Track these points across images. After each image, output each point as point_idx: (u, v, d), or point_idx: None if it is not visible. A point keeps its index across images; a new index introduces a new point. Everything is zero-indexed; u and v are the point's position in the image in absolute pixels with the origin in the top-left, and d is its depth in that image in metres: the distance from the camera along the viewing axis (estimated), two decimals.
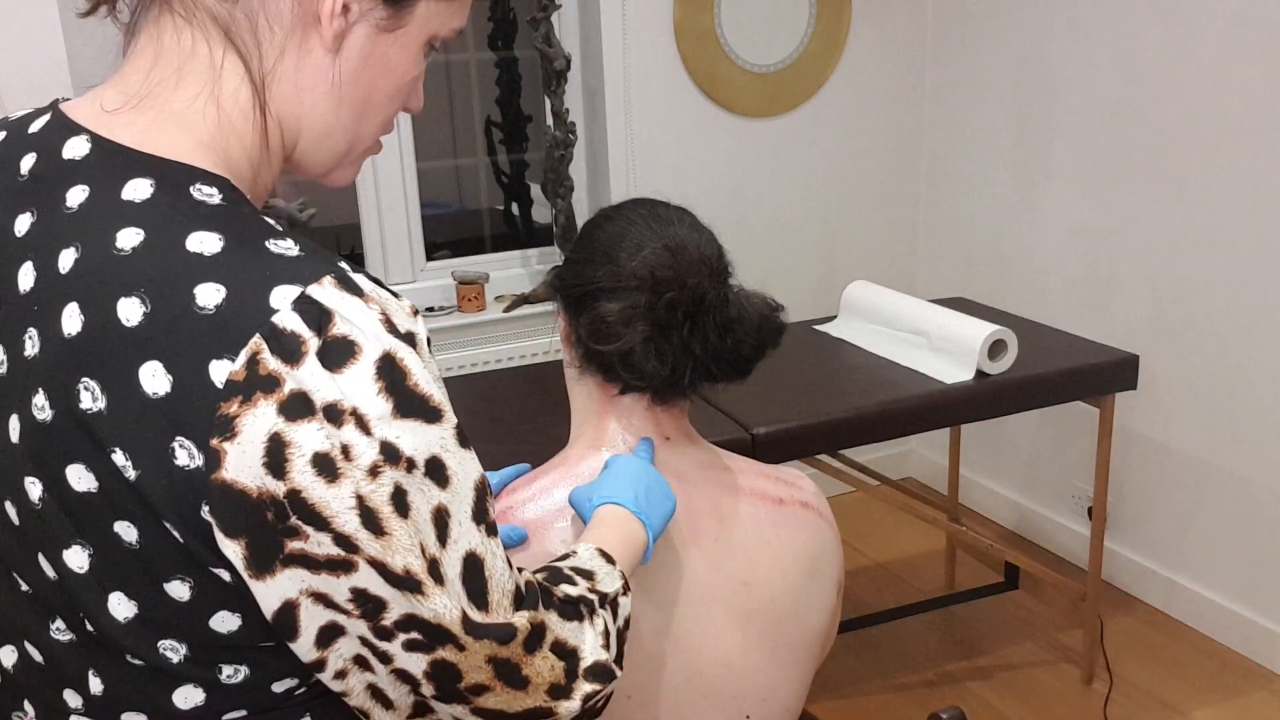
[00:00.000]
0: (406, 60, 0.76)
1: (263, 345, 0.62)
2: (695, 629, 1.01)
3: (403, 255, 2.90)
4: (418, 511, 0.66)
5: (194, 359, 0.62)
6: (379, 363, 0.64)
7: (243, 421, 0.62)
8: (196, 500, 0.63)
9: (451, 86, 3.06)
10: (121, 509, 0.65)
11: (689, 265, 1.00)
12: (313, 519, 0.63)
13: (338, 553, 0.64)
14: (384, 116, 0.78)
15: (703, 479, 1.05)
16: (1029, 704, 2.43)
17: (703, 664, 1.01)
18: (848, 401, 2.06)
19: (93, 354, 0.64)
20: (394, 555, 0.65)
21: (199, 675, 0.71)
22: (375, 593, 0.66)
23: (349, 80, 0.74)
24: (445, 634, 0.68)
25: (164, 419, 0.63)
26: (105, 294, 0.64)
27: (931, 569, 3.01)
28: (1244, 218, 2.41)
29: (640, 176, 2.93)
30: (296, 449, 0.62)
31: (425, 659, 0.69)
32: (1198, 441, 2.61)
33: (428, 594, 0.67)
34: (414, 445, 0.65)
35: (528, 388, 2.20)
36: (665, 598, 1.00)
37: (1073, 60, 2.76)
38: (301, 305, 0.63)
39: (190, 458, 0.63)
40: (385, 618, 0.67)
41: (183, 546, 0.65)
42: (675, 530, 1.01)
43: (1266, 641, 2.53)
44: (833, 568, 1.10)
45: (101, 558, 0.67)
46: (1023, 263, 3.03)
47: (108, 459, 0.64)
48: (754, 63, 2.99)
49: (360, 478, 0.63)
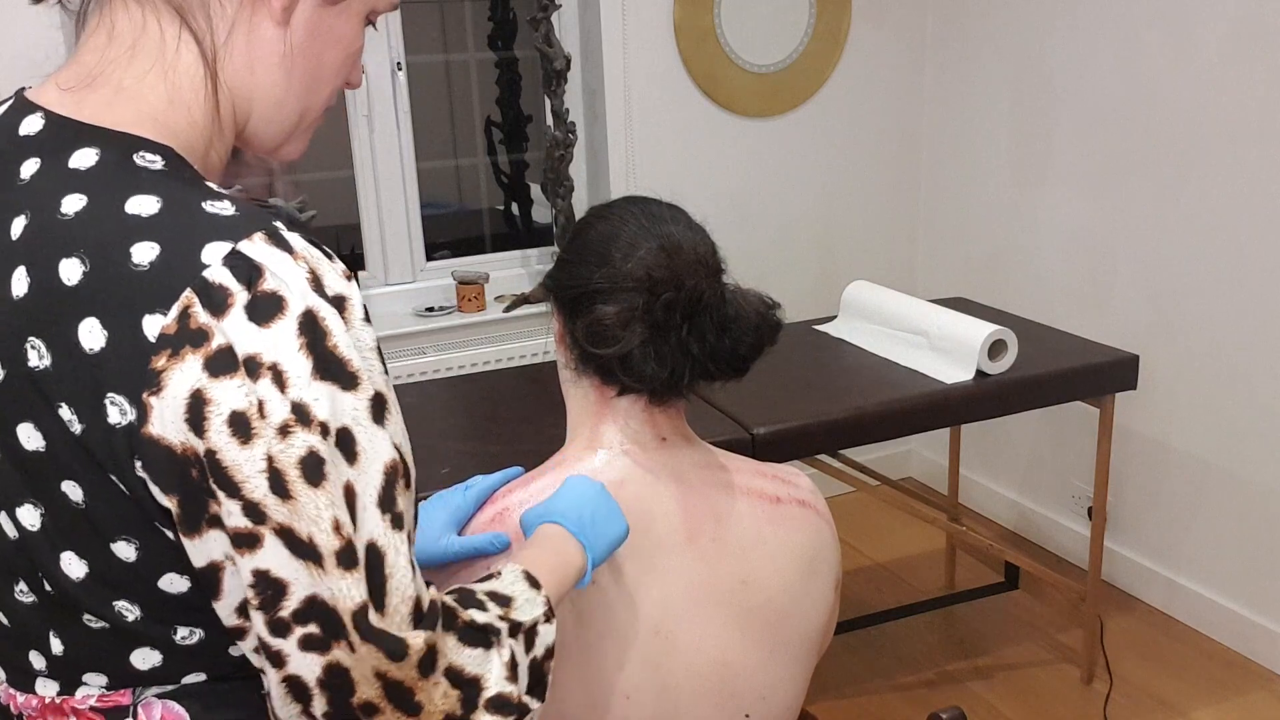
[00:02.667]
0: (351, 32, 0.79)
1: (194, 299, 0.63)
2: (693, 628, 1.01)
3: (403, 255, 2.90)
4: (330, 483, 0.65)
5: (128, 315, 0.64)
6: (301, 319, 0.64)
7: (169, 376, 0.63)
8: (131, 455, 0.65)
9: (451, 86, 3.06)
10: (68, 468, 0.68)
11: (685, 265, 0.99)
12: (225, 484, 0.64)
13: (245, 524, 0.64)
14: (332, 88, 0.81)
15: (699, 479, 1.05)
16: (1029, 704, 2.43)
17: (701, 663, 1.01)
18: (848, 401, 2.06)
19: (37, 313, 0.66)
20: (300, 522, 0.64)
21: (155, 636, 0.72)
22: (277, 574, 0.65)
23: (298, 52, 0.76)
24: (340, 625, 0.66)
25: (100, 374, 0.64)
26: (48, 256, 0.66)
27: (931, 569, 3.01)
28: (1244, 218, 2.41)
29: (640, 176, 2.93)
30: (215, 406, 0.63)
31: (320, 661, 0.66)
32: (1198, 441, 2.61)
33: (328, 570, 0.65)
34: (329, 411, 0.65)
35: (528, 388, 2.20)
36: (663, 597, 1.00)
37: (1073, 60, 2.76)
38: (232, 260, 0.64)
39: (122, 413, 0.65)
40: (284, 607, 0.66)
41: (130, 502, 0.67)
42: (673, 531, 1.02)
43: (1266, 641, 2.53)
44: (830, 565, 1.10)
45: (52, 517, 0.70)
46: (1023, 263, 3.03)
47: (55, 415, 0.66)
48: (754, 63, 2.99)
49: (271, 437, 0.63)
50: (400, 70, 2.77)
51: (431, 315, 2.81)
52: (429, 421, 2.03)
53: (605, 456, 1.03)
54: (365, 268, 2.89)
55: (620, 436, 1.04)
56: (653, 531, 1.01)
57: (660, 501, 1.02)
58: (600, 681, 0.99)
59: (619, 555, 0.99)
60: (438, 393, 2.19)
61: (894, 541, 3.16)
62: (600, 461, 1.03)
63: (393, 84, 2.78)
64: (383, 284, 2.90)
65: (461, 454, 1.86)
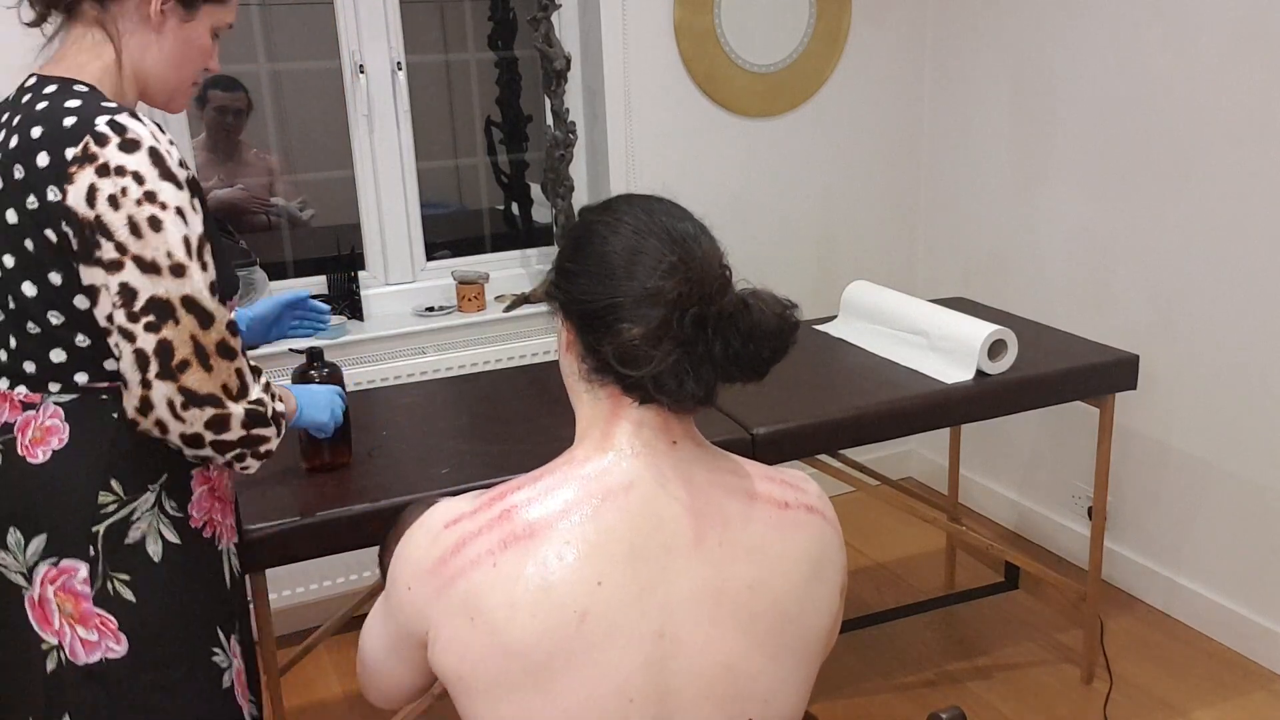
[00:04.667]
0: (201, 37, 1.38)
1: (90, 140, 1.23)
2: (698, 632, 1.01)
3: (403, 255, 2.90)
4: (167, 233, 1.24)
5: (59, 148, 1.24)
6: (150, 151, 1.24)
7: (77, 176, 1.23)
8: (58, 218, 1.24)
9: (451, 86, 3.06)
10: (28, 230, 1.26)
11: (705, 276, 0.99)
12: (104, 232, 1.22)
13: (114, 255, 1.22)
14: (194, 67, 1.40)
15: (708, 483, 1.05)
16: (1029, 704, 2.43)
17: (705, 667, 1.01)
18: (848, 401, 2.06)
19: (18, 154, 1.26)
20: (146, 251, 1.23)
21: (65, 339, 1.29)
22: (132, 285, 1.23)
23: (168, 48, 1.36)
24: (170, 310, 1.24)
25: (46, 176, 1.24)
26: (26, 127, 1.27)
27: (931, 569, 3.01)
28: (1244, 218, 2.41)
29: (640, 177, 2.93)
30: (100, 192, 1.22)
31: (155, 337, 1.24)
32: (1198, 441, 2.61)
33: (164, 278, 1.24)
34: (168, 196, 1.24)
35: (528, 388, 2.20)
36: (669, 601, 1.00)
37: (1073, 60, 2.77)
38: (111, 123, 1.24)
39: (56, 194, 1.24)
40: (135, 303, 1.23)
41: (57, 248, 1.25)
42: (680, 534, 1.01)
43: (1266, 641, 2.53)
44: (836, 571, 1.10)
45: (19, 259, 1.27)
46: (1023, 263, 3.03)
47: (24, 202, 1.26)
48: (754, 63, 2.99)
49: (132, 206, 1.22)
50: (400, 70, 2.77)
51: (431, 315, 2.82)
52: (429, 421, 2.03)
53: (614, 458, 1.03)
54: (365, 267, 2.88)
55: (632, 439, 1.04)
56: (660, 534, 1.01)
57: (668, 505, 1.02)
58: (603, 683, 0.99)
59: (626, 557, 0.99)
60: (438, 393, 2.19)
61: (894, 541, 3.17)
62: (609, 462, 1.03)
63: (393, 84, 2.78)
64: (383, 284, 2.90)
65: (461, 454, 1.86)
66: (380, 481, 1.76)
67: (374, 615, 1.17)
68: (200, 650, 1.38)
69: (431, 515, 1.05)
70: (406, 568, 1.04)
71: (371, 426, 1.98)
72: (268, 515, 1.65)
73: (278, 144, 2.94)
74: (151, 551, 1.34)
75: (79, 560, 1.30)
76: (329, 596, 2.74)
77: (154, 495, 1.34)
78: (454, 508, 1.04)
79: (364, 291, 2.83)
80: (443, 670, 1.02)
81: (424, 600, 1.02)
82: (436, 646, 1.02)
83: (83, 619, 1.31)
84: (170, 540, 1.36)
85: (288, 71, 2.85)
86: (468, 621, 0.99)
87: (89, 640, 1.31)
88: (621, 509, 1.00)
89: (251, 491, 1.73)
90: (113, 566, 1.31)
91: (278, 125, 2.90)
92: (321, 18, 2.73)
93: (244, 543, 1.61)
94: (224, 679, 1.41)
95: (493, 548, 0.99)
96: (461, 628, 0.99)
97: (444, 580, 1.00)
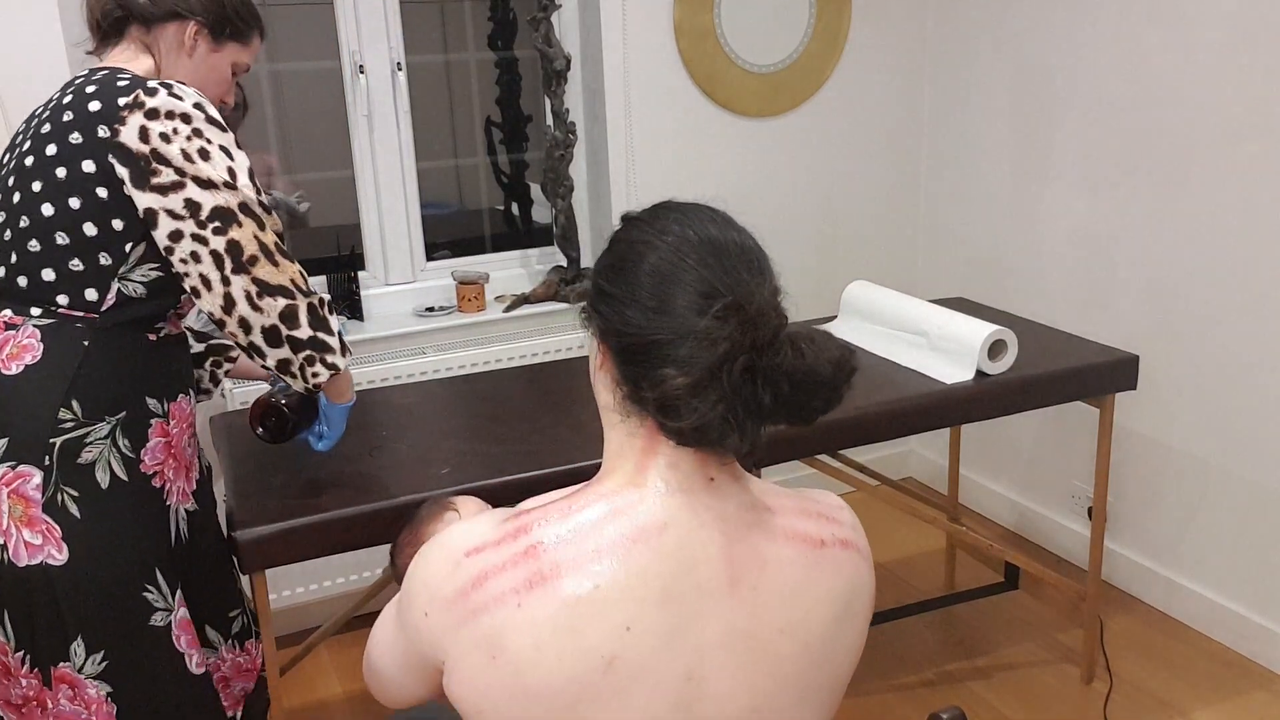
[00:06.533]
0: (222, 68, 1.65)
1: (140, 93, 1.46)
2: (725, 675, 0.98)
3: (403, 255, 2.90)
4: (216, 160, 1.48)
5: (112, 98, 1.47)
6: (195, 104, 1.49)
7: (129, 118, 1.46)
8: (108, 151, 1.46)
9: (451, 86, 3.06)
10: (63, 160, 1.47)
11: (761, 320, 0.92)
12: (163, 161, 1.45)
13: (175, 178, 1.46)
14: (213, 94, 1.63)
15: (744, 522, 1.01)
16: (1029, 704, 2.43)
17: (731, 710, 0.99)
18: (848, 401, 2.02)
19: (72, 103, 1.50)
20: (202, 172, 1.46)
21: (62, 260, 1.48)
22: (195, 199, 1.46)
23: (196, 69, 1.62)
24: (232, 215, 1.48)
25: (97, 118, 1.47)
26: (83, 87, 1.51)
27: (931, 569, 3.01)
28: (1244, 218, 2.41)
29: (640, 177, 2.93)
30: (153, 131, 1.45)
31: (224, 239, 1.47)
32: (1198, 441, 2.61)
33: (222, 190, 1.48)
34: (213, 135, 1.49)
35: (528, 388, 2.20)
36: (700, 644, 0.97)
37: (1073, 60, 2.77)
38: (162, 82, 1.49)
39: (106, 132, 1.46)
40: (201, 213, 1.46)
41: (89, 177, 1.46)
42: (714, 577, 0.98)
43: (1266, 641, 2.53)
44: (865, 604, 1.07)
45: (44, 185, 1.48)
46: (1023, 263, 3.03)
47: (68, 136, 1.48)
48: (754, 63, 2.99)
49: (183, 141, 1.46)
50: (400, 70, 2.77)
51: (431, 315, 2.81)
52: (429, 421, 2.03)
53: (648, 495, 0.98)
54: (365, 267, 2.89)
55: (668, 476, 0.99)
56: (694, 576, 0.97)
57: (704, 548, 0.98)
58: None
59: (658, 601, 0.96)
60: (438, 393, 2.19)
61: (894, 541, 3.17)
62: (642, 500, 0.98)
63: (393, 84, 2.78)
64: (383, 284, 2.90)
65: (461, 454, 1.86)
66: (380, 482, 1.76)
67: (385, 623, 1.12)
68: (132, 582, 1.50)
69: (451, 537, 1.00)
70: (424, 592, 0.99)
71: (371, 426, 1.98)
72: (268, 515, 1.65)
73: (278, 144, 2.94)
74: (100, 479, 1.48)
75: (34, 467, 1.44)
76: (329, 596, 2.74)
77: (109, 427, 1.49)
78: (476, 533, 0.99)
79: (364, 291, 2.83)
80: (459, 702, 0.99)
81: (441, 630, 0.98)
82: (453, 678, 0.98)
83: (30, 523, 1.44)
84: (119, 475, 1.49)
85: (288, 71, 2.84)
86: (488, 659, 0.95)
87: (32, 544, 1.44)
88: (655, 550, 0.96)
89: (252, 491, 1.73)
90: (64, 480, 1.45)
91: (278, 125, 2.90)
92: (321, 18, 2.73)
93: (244, 543, 1.61)
94: (154, 617, 1.53)
95: (518, 586, 0.94)
96: (481, 665, 0.95)
97: (464, 613, 0.96)
